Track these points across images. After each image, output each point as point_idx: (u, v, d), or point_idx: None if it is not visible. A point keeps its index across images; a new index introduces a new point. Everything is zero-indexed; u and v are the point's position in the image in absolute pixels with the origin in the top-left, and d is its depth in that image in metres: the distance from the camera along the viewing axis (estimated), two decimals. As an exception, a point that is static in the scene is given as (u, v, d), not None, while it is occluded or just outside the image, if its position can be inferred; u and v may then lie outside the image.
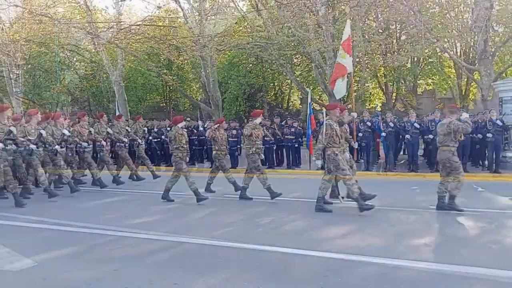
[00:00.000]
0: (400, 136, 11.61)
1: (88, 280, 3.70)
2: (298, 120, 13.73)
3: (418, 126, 11.00)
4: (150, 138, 13.03)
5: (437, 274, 3.74)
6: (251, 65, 28.65)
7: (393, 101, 25.90)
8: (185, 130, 8.26)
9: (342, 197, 6.83)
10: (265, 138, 11.67)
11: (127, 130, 9.86)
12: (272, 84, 31.09)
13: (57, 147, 8.17)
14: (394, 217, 6.01)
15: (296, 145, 12.38)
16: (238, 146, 13.99)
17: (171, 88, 30.48)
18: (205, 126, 13.45)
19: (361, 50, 15.00)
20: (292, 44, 19.61)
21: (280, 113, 23.97)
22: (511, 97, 10.99)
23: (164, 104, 33.38)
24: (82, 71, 29.36)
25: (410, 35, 17.33)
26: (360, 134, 11.18)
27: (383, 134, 11.08)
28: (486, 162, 10.84)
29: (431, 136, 10.70)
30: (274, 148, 12.65)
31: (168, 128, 13.24)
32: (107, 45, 18.38)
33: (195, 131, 13.48)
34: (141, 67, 27.19)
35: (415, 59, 22.65)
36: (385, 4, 16.98)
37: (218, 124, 8.39)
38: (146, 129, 12.32)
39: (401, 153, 13.76)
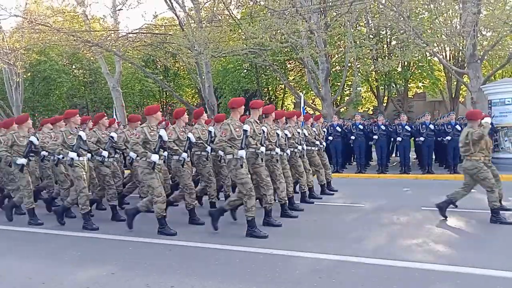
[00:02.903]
0: (392, 139, 11.87)
1: (86, 283, 3.77)
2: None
3: (409, 129, 11.25)
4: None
5: (430, 274, 3.79)
6: (245, 70, 28.88)
7: (385, 105, 26.24)
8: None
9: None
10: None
11: (314, 131, 8.03)
12: (266, 89, 31.31)
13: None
14: (386, 218, 6.11)
15: (291, 148, 12.56)
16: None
17: (167, 94, 30.63)
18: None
19: (353, 55, 15.27)
20: (285, 50, 19.87)
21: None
22: (499, 99, 11.21)
23: (161, 110, 33.49)
24: (81, 78, 29.52)
25: (400, 40, 17.68)
26: (353, 137, 11.44)
27: (375, 137, 11.30)
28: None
29: (421, 139, 10.97)
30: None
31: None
32: (105, 53, 18.52)
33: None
34: (139, 74, 27.36)
35: (406, 63, 23.03)
36: (375, 10, 17.31)
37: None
38: (326, 130, 10.30)
39: (393, 155, 14.03)
